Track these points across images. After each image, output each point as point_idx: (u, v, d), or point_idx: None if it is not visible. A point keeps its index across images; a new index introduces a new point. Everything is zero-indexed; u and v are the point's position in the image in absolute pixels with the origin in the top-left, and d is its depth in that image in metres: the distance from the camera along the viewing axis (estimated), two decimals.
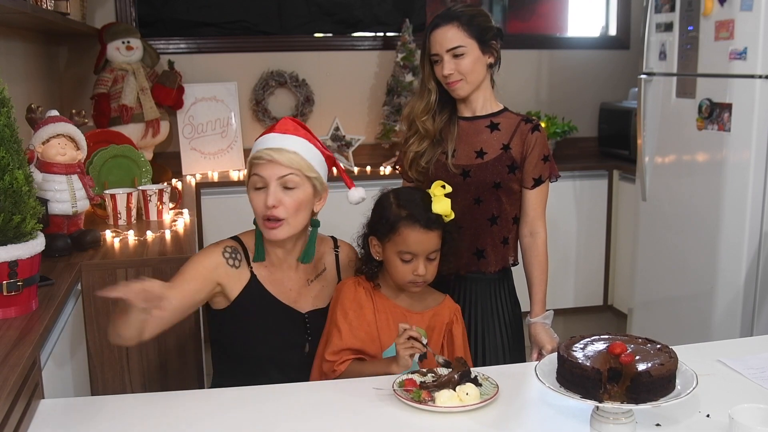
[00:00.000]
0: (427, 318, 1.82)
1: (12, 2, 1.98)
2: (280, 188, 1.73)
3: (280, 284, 1.83)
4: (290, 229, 1.76)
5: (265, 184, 1.74)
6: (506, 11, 4.43)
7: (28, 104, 2.22)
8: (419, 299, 1.84)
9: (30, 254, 1.55)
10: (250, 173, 1.77)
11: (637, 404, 1.29)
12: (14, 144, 1.52)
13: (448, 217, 1.80)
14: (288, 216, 1.74)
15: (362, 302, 1.78)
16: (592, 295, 4.00)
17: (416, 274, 1.76)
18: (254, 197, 1.76)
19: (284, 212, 1.74)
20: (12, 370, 1.29)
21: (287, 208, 1.74)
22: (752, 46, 2.75)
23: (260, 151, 1.75)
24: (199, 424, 1.42)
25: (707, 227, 3.01)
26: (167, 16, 3.96)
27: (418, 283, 1.78)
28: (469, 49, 2.01)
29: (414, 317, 1.80)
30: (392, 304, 1.81)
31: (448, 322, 1.85)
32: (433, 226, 1.76)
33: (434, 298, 1.87)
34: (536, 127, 2.09)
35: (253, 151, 1.79)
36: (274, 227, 1.74)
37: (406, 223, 1.75)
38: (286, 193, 1.74)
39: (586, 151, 4.26)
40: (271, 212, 1.73)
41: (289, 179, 1.74)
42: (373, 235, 1.82)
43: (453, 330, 1.85)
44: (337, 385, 1.62)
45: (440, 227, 1.78)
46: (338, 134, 3.91)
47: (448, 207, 1.79)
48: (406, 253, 1.75)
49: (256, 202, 1.76)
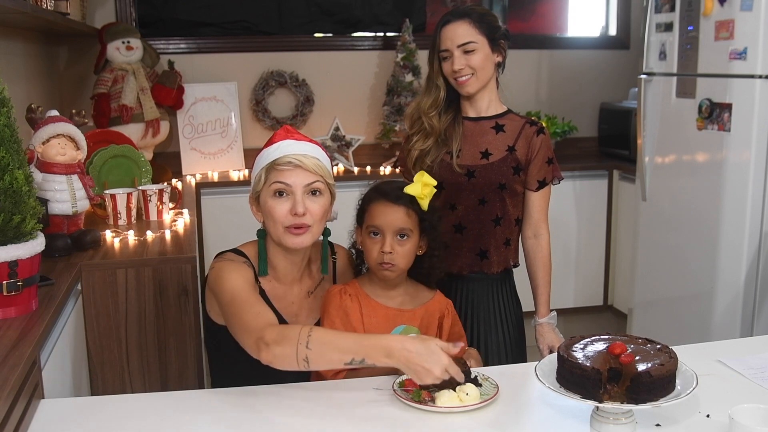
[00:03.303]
0: (419, 315, 1.80)
1: (12, 2, 1.99)
2: (307, 195, 1.69)
3: (283, 299, 1.79)
4: (312, 236, 1.72)
5: (291, 191, 1.68)
6: (506, 11, 4.43)
7: (28, 104, 2.22)
8: (410, 297, 1.82)
9: (30, 254, 1.55)
10: (270, 180, 1.69)
11: (637, 404, 1.29)
12: (14, 144, 1.52)
13: (422, 199, 1.75)
14: (314, 223, 1.70)
15: (347, 310, 1.75)
16: (592, 295, 4.00)
17: (383, 251, 1.72)
18: (276, 205, 1.68)
19: (311, 219, 1.69)
20: (12, 370, 1.29)
21: (314, 216, 1.69)
22: (752, 46, 2.75)
23: (285, 156, 1.67)
24: (199, 424, 1.42)
25: (707, 227, 3.01)
26: (167, 16, 3.96)
27: (386, 264, 1.73)
28: (479, 45, 2.03)
29: (406, 315, 1.79)
30: (382, 306, 1.78)
31: (440, 317, 1.83)
32: (400, 201, 1.74)
33: (425, 295, 1.85)
34: (541, 129, 2.10)
35: (266, 158, 1.71)
36: (300, 234, 1.69)
37: (374, 198, 1.77)
38: (311, 199, 1.69)
39: (586, 151, 4.26)
40: (300, 220, 1.67)
41: (316, 185, 1.69)
42: (358, 225, 1.83)
43: (443, 324, 1.84)
44: (337, 385, 1.62)
45: (411, 206, 1.75)
46: (338, 134, 3.91)
47: (419, 189, 1.74)
48: (373, 227, 1.74)
49: (278, 211, 1.68)
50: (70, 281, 1.86)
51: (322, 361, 1.47)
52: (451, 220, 2.10)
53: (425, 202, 1.76)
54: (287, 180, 1.68)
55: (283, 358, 1.48)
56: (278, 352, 1.47)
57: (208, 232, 3.48)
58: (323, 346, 1.46)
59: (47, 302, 1.66)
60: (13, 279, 1.53)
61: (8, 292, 1.54)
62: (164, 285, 2.09)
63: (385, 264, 1.74)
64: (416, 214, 1.76)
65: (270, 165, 1.69)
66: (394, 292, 1.80)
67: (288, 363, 1.48)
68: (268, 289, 1.77)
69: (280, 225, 1.69)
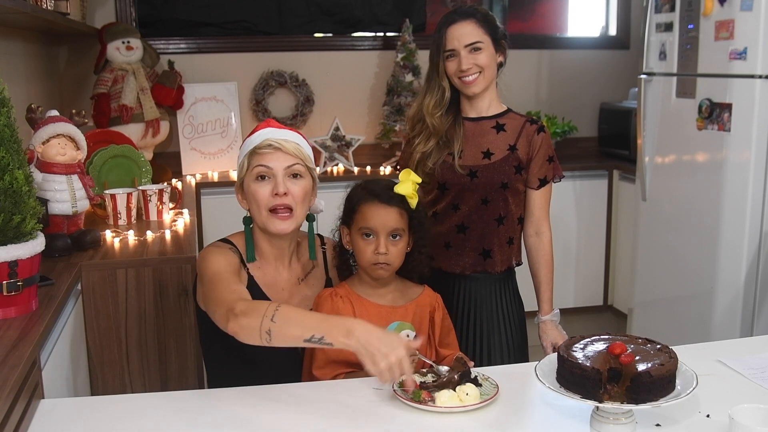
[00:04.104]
0: (411, 311, 1.80)
1: (12, 2, 1.99)
2: (288, 178, 1.73)
3: (273, 285, 1.81)
4: (296, 221, 1.76)
5: (272, 174, 1.72)
6: (506, 11, 4.43)
7: (28, 104, 2.22)
8: (400, 294, 1.82)
9: (30, 254, 1.55)
10: (252, 164, 1.74)
11: (637, 404, 1.29)
12: (14, 144, 1.52)
13: (412, 199, 1.76)
14: (296, 206, 1.74)
15: (340, 312, 1.74)
16: (592, 295, 4.00)
17: (377, 252, 1.72)
18: (258, 188, 1.73)
19: (292, 201, 1.73)
20: (12, 370, 1.29)
21: (295, 197, 1.73)
22: (752, 46, 2.76)
23: (266, 141, 1.73)
24: (199, 424, 1.42)
25: (707, 227, 3.01)
26: (167, 16, 3.96)
27: (381, 264, 1.73)
28: (485, 44, 2.04)
29: (398, 312, 1.78)
30: (374, 304, 1.78)
31: (430, 311, 1.83)
32: (393, 202, 1.74)
33: (414, 290, 1.84)
34: (541, 128, 2.11)
35: (248, 146, 1.76)
36: (284, 218, 1.73)
37: (366, 199, 1.76)
38: (292, 182, 1.74)
39: (586, 151, 4.26)
40: (282, 200, 1.71)
41: (296, 168, 1.74)
42: (344, 225, 1.82)
43: (434, 317, 1.84)
44: (336, 385, 1.62)
45: (402, 206, 1.76)
46: (338, 134, 3.91)
47: (410, 188, 1.75)
48: (366, 228, 1.74)
49: (261, 194, 1.73)
50: (70, 281, 1.86)
51: (282, 336, 1.47)
52: (455, 221, 2.10)
53: (414, 201, 1.77)
54: (268, 163, 1.72)
55: (248, 329, 1.48)
56: (244, 323, 1.48)
57: (208, 232, 3.48)
58: (287, 321, 1.46)
59: (47, 302, 1.67)
60: (13, 279, 1.53)
61: (8, 292, 1.54)
62: (164, 285, 2.09)
63: (380, 264, 1.74)
64: (407, 213, 1.77)
65: (251, 151, 1.74)
66: (385, 290, 1.80)
67: (251, 335, 1.48)
68: (258, 276, 1.80)
69: (264, 209, 1.73)
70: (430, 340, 1.82)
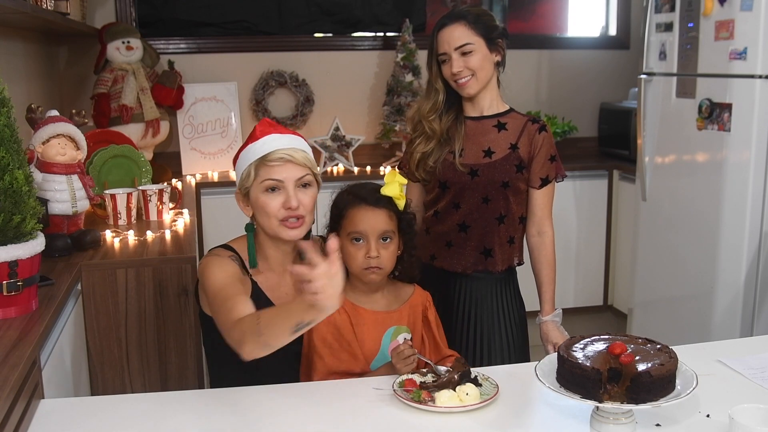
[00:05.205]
0: (405, 313, 1.79)
1: (12, 2, 1.99)
2: (298, 188, 1.72)
3: (277, 290, 1.80)
4: (306, 227, 1.75)
5: (282, 186, 1.70)
6: (506, 11, 4.43)
7: (28, 104, 2.22)
8: (394, 296, 1.81)
9: (30, 254, 1.55)
10: (261, 176, 1.70)
11: (637, 404, 1.29)
12: (14, 144, 1.52)
13: (399, 200, 1.75)
14: (306, 214, 1.73)
15: (338, 323, 1.72)
16: (592, 295, 4.00)
17: (368, 257, 1.70)
18: (269, 200, 1.70)
19: (304, 211, 1.72)
20: (12, 370, 1.29)
21: (306, 207, 1.72)
22: (752, 46, 2.75)
23: (275, 152, 1.70)
24: (198, 424, 1.42)
25: (707, 227, 3.01)
26: (167, 16, 3.96)
27: (373, 268, 1.72)
28: (476, 46, 2.03)
29: (393, 316, 1.77)
30: (369, 312, 1.76)
31: (423, 310, 1.82)
32: (381, 204, 1.73)
33: (406, 291, 1.83)
34: (543, 127, 2.10)
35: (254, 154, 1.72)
36: (296, 226, 1.72)
37: (353, 203, 1.74)
38: (303, 192, 1.73)
39: (586, 151, 4.26)
40: (295, 212, 1.70)
41: (307, 179, 1.73)
42: (331, 232, 1.79)
43: (428, 315, 1.83)
44: (336, 385, 1.62)
45: (390, 208, 1.74)
46: (338, 134, 3.91)
47: (397, 190, 1.74)
48: (355, 233, 1.72)
49: (272, 206, 1.70)
50: (70, 281, 1.86)
51: (276, 340, 1.45)
52: (455, 219, 2.10)
53: (402, 202, 1.76)
54: (279, 176, 1.70)
55: (254, 352, 1.47)
56: (248, 350, 1.47)
57: (208, 232, 3.48)
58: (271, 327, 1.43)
59: (47, 302, 1.67)
60: (13, 279, 1.54)
61: (8, 292, 1.54)
62: (164, 285, 2.09)
63: (372, 268, 1.72)
64: (395, 215, 1.76)
65: (259, 161, 1.71)
66: (377, 294, 1.79)
67: (259, 353, 1.47)
68: (261, 281, 1.79)
69: (274, 219, 1.72)
70: (429, 339, 1.82)
